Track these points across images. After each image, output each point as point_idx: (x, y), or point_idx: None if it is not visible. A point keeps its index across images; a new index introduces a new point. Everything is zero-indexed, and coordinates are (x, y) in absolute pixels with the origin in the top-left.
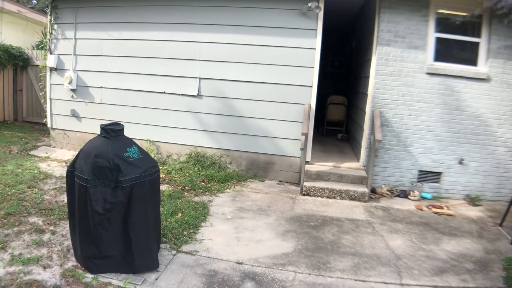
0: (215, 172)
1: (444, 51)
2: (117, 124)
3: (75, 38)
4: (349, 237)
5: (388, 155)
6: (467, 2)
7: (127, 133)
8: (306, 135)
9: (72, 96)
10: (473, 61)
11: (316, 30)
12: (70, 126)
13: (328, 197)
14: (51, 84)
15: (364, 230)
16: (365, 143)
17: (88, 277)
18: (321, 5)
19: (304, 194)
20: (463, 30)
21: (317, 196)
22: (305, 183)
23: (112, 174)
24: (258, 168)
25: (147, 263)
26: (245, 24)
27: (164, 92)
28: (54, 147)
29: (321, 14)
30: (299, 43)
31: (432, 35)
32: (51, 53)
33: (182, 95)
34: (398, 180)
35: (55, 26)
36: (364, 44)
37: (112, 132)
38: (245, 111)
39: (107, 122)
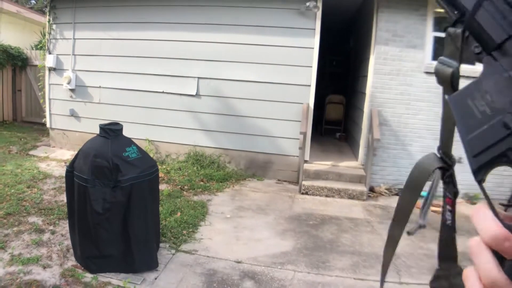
0: (214, 172)
1: (442, 50)
2: (116, 124)
3: (73, 38)
4: (348, 235)
5: (386, 154)
6: None
7: (126, 132)
8: (304, 134)
9: (71, 96)
10: (471, 60)
11: (314, 29)
12: (69, 126)
13: (326, 196)
14: (50, 84)
15: (363, 228)
16: (363, 142)
17: (88, 276)
18: (319, 5)
19: (303, 193)
20: None
21: (316, 195)
22: (303, 182)
23: (111, 174)
24: (257, 167)
25: (147, 263)
26: (244, 23)
27: (163, 92)
28: (53, 147)
29: (319, 14)
30: (297, 43)
31: (430, 34)
32: (50, 53)
33: (181, 94)
34: (396, 179)
35: (54, 26)
36: (362, 43)
37: (111, 132)
38: (243, 111)
39: (106, 122)
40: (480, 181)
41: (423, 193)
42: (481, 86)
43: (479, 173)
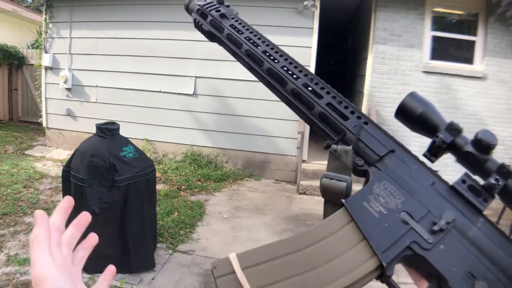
0: (211, 171)
1: (441, 50)
2: (112, 123)
3: (70, 37)
4: None
5: None
6: (463, 1)
7: (123, 132)
8: (302, 133)
9: (67, 95)
10: (469, 60)
11: (312, 28)
12: (66, 126)
13: None
14: (46, 83)
15: None
16: None
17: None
18: (317, 4)
19: (300, 193)
20: (459, 28)
21: (314, 195)
22: (301, 182)
23: (108, 174)
24: (255, 167)
25: (144, 263)
26: None
27: (160, 91)
28: (50, 146)
29: (317, 13)
30: (295, 42)
31: (428, 34)
32: (46, 52)
33: (178, 94)
34: None
35: (50, 25)
36: (360, 42)
37: (108, 131)
38: (241, 110)
39: (103, 121)
40: (391, 275)
41: None
42: (372, 190)
43: (390, 267)
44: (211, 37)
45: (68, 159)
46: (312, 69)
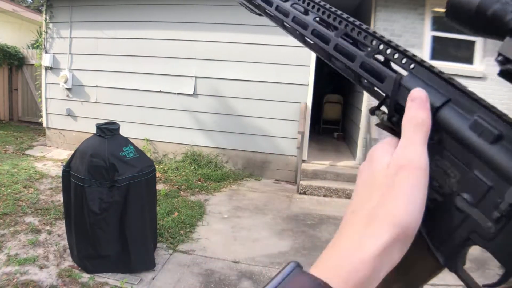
0: (211, 171)
1: (441, 50)
2: (112, 123)
3: (70, 37)
4: None
5: None
6: None
7: (123, 132)
8: (302, 133)
9: (67, 95)
10: (469, 60)
11: None
12: (66, 126)
13: (324, 195)
14: (46, 83)
15: None
16: (361, 142)
17: (85, 277)
18: None
19: (300, 193)
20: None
21: (314, 195)
22: (301, 182)
23: (108, 174)
24: (255, 167)
25: (144, 263)
26: (241, 22)
27: (160, 91)
28: (50, 146)
29: None
30: (295, 41)
31: (428, 34)
32: (46, 52)
33: (178, 94)
34: None
35: (50, 25)
36: None
37: (108, 131)
38: (241, 110)
39: (103, 121)
40: (456, 270)
41: None
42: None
43: (451, 263)
44: (259, 14)
45: (68, 159)
46: (312, 69)
